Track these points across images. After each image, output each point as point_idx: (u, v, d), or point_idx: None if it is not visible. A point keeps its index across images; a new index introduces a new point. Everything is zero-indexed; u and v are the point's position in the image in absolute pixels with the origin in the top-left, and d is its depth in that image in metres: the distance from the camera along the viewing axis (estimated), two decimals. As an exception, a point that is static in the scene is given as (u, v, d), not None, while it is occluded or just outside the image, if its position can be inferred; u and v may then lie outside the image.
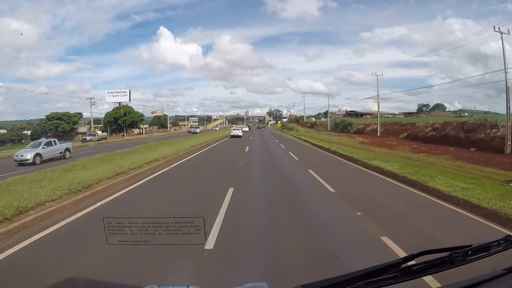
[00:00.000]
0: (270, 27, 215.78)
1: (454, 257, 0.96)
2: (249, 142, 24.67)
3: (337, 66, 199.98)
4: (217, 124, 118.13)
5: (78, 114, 56.24)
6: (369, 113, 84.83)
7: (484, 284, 0.92)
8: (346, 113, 78.79)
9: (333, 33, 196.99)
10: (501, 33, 17.36)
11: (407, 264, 0.93)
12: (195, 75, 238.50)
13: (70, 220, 4.61)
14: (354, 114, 68.84)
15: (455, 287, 0.93)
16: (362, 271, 0.90)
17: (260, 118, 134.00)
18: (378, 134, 31.02)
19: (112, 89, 56.03)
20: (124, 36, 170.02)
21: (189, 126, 68.40)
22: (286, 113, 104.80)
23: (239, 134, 33.01)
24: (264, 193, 6.65)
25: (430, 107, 77.19)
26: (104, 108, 55.78)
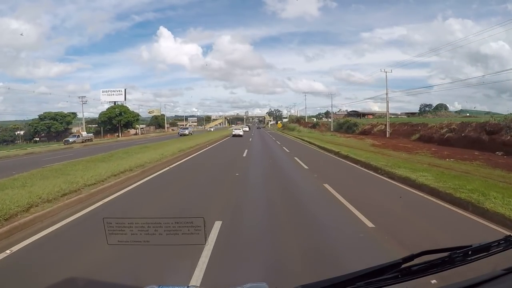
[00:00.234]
0: (270, 27, 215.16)
1: (454, 257, 0.97)
2: (248, 144, 22.22)
3: (337, 66, 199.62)
4: (216, 124, 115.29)
5: (72, 114, 53.85)
6: (371, 113, 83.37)
7: (484, 284, 0.91)
8: (348, 113, 77.19)
9: (333, 33, 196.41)
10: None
11: (407, 264, 0.94)
12: (195, 75, 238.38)
13: None
14: (356, 114, 67.13)
15: (455, 287, 0.93)
16: (363, 271, 0.89)
17: (260, 118, 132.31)
18: (387, 136, 28.44)
19: (108, 88, 53.27)
20: (124, 36, 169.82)
21: (181, 127, 62.29)
22: (286, 113, 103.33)
23: (240, 134, 36.17)
24: (268, 233, 4.19)
25: (432, 107, 75.64)
26: (104, 108, 53.32)
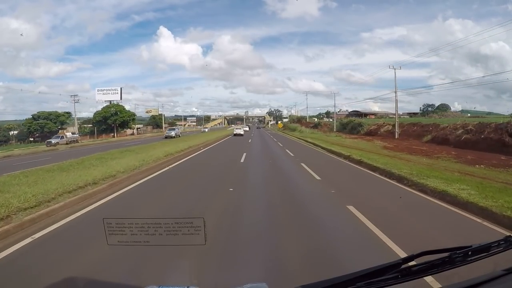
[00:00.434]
0: (270, 27, 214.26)
1: (454, 258, 0.96)
2: (247, 146, 20.12)
3: (337, 67, 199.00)
4: (216, 124, 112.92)
5: (66, 114, 51.77)
6: (373, 113, 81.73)
7: (484, 285, 0.91)
8: (349, 113, 75.68)
9: (333, 33, 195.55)
10: None
11: (408, 265, 0.93)
12: (195, 75, 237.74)
13: None
14: (357, 114, 65.56)
15: (455, 287, 0.93)
16: (363, 272, 0.89)
17: (260, 118, 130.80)
18: (396, 137, 26.39)
19: (103, 87, 51.24)
20: (124, 36, 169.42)
21: (168, 128, 51.82)
22: (286, 113, 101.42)
23: (241, 133, 38.43)
24: None
25: (435, 108, 75.22)
26: (101, 107, 51.29)
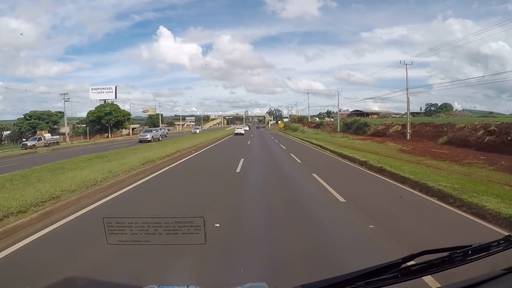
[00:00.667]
0: (270, 27, 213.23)
1: (454, 257, 0.96)
2: (246, 150, 17.65)
3: (337, 66, 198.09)
4: (215, 124, 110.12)
5: (59, 113, 49.49)
6: (375, 113, 79.85)
7: (484, 284, 0.91)
8: (351, 113, 73.97)
9: (333, 33, 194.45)
10: None
11: (407, 264, 0.92)
12: (195, 75, 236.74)
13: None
14: (359, 114, 63.93)
15: (455, 287, 0.92)
16: (362, 271, 0.89)
17: (260, 118, 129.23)
18: (408, 138, 24.14)
19: (97, 86, 49.07)
20: (124, 36, 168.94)
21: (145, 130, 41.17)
22: (286, 113, 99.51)
23: (242, 132, 39.96)
24: None
25: (437, 107, 74.65)
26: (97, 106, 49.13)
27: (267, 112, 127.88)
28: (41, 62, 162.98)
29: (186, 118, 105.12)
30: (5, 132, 54.60)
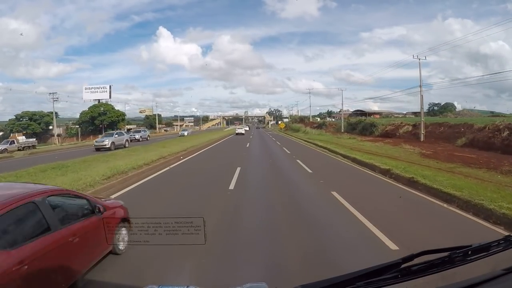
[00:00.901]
0: (270, 27, 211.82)
1: (454, 257, 0.95)
2: (244, 156, 15.31)
3: (337, 66, 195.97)
4: (214, 125, 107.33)
5: (52, 113, 47.16)
6: (377, 112, 77.57)
7: (484, 284, 0.90)
8: (352, 113, 71.99)
9: (333, 33, 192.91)
10: None
11: (407, 264, 0.92)
12: (195, 75, 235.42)
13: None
14: (361, 113, 62.35)
15: (455, 287, 0.91)
16: (362, 271, 0.88)
17: (260, 118, 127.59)
18: (422, 139, 21.93)
19: (90, 85, 46.94)
20: (124, 36, 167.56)
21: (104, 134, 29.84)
22: (286, 113, 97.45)
23: (242, 132, 42.07)
24: None
25: (440, 107, 73.44)
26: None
27: (267, 112, 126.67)
28: (41, 63, 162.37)
29: (185, 119, 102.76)
30: (-1, 134, 52.58)
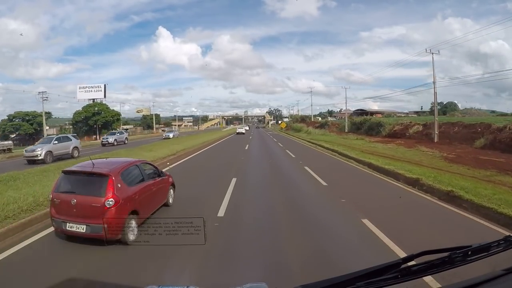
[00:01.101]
0: (270, 27, 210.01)
1: (454, 258, 0.94)
2: (242, 161, 13.20)
3: (337, 66, 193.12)
4: (213, 125, 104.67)
5: (45, 114, 45.01)
6: (380, 112, 75.66)
7: (484, 285, 0.89)
8: (354, 112, 70.12)
9: (333, 33, 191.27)
10: None
11: (407, 265, 0.91)
12: (195, 75, 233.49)
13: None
14: (363, 113, 60.77)
15: (455, 287, 0.90)
16: (362, 271, 0.88)
17: (260, 118, 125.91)
18: (436, 140, 20.03)
19: (84, 84, 44.96)
20: (123, 36, 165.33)
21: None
22: (286, 113, 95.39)
23: (243, 132, 44.44)
24: None
25: (442, 106, 72.09)
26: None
27: (267, 112, 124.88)
28: (41, 63, 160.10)
29: (184, 119, 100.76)
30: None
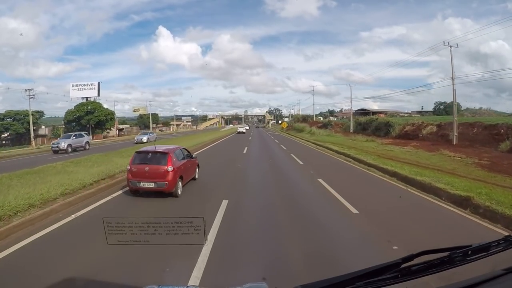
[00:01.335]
0: (270, 27, 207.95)
1: (454, 257, 0.94)
2: (238, 171, 10.80)
3: (337, 66, 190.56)
4: (212, 124, 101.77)
5: (37, 113, 42.85)
6: (383, 112, 73.40)
7: (484, 284, 0.89)
8: (356, 112, 67.66)
9: (333, 33, 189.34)
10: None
11: (407, 264, 0.91)
12: (195, 75, 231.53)
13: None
14: (365, 113, 59.10)
15: (455, 287, 0.90)
16: (362, 271, 0.87)
17: (260, 118, 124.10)
18: (455, 142, 17.78)
19: (77, 82, 42.75)
20: (123, 36, 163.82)
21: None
22: (286, 113, 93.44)
23: (243, 131, 46.65)
24: None
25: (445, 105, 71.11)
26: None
27: (267, 112, 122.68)
28: (40, 63, 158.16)
29: (182, 118, 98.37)
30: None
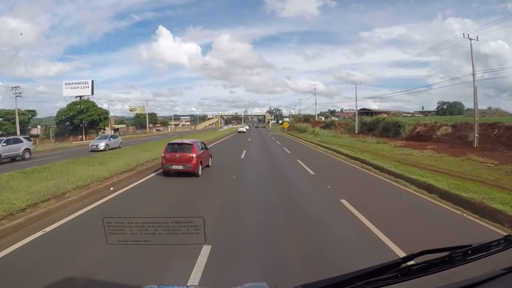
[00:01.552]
0: (270, 27, 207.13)
1: (454, 257, 0.93)
2: (231, 186, 8.16)
3: (337, 66, 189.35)
4: (211, 124, 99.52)
5: (29, 112, 40.87)
6: (386, 111, 71.27)
7: (484, 284, 0.88)
8: (358, 112, 65.33)
9: (333, 33, 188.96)
10: None
11: (407, 264, 0.91)
12: (195, 75, 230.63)
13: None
14: (368, 112, 57.13)
15: (455, 287, 0.89)
16: (362, 271, 0.87)
17: (260, 118, 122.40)
18: (476, 145, 15.81)
19: (70, 80, 41.01)
20: (123, 36, 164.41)
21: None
22: (286, 113, 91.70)
23: (244, 130, 48.40)
24: None
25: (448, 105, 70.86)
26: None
27: (267, 112, 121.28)
28: (40, 62, 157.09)
29: (181, 118, 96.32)
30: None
